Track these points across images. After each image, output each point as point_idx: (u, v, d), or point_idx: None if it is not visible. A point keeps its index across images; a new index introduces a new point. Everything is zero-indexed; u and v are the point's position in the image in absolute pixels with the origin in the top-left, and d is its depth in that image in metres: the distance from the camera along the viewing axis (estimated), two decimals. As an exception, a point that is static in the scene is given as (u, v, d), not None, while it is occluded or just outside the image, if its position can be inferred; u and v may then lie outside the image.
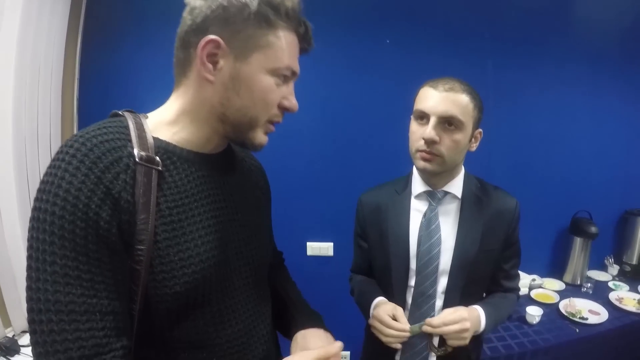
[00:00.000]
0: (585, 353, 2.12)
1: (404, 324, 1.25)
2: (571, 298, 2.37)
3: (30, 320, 0.66)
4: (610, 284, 2.64)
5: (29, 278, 0.67)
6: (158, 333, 0.80)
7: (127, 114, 0.82)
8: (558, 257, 2.80)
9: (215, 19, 0.77)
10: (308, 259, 2.64)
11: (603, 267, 2.84)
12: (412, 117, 1.32)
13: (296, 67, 0.86)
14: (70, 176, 0.67)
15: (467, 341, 1.23)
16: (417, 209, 1.39)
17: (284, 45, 0.81)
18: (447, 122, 1.22)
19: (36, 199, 0.69)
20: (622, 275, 2.79)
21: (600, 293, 2.51)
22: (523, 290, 2.57)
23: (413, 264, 1.36)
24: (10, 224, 1.89)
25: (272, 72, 0.82)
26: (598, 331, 2.14)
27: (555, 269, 2.80)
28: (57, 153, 0.71)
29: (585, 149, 2.68)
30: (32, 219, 0.68)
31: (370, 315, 1.36)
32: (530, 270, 2.70)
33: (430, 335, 1.28)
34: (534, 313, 2.20)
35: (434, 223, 1.34)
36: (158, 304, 0.77)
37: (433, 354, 1.34)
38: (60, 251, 0.66)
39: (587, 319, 2.21)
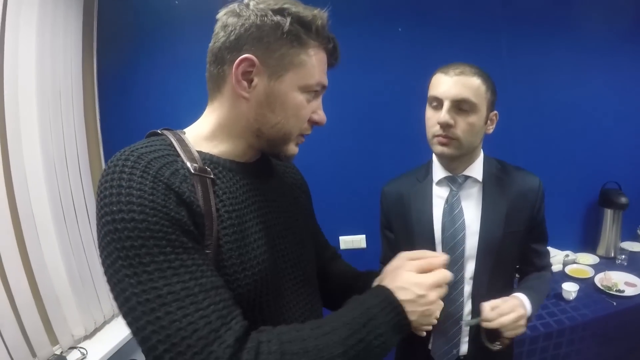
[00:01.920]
0: (624, 325, 2.10)
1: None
2: (606, 271, 2.35)
3: (142, 327, 0.65)
4: (645, 254, 2.60)
5: (127, 286, 0.66)
6: None
7: (166, 132, 0.85)
8: (590, 231, 2.76)
9: (249, 38, 0.80)
10: (342, 253, 2.64)
11: (637, 238, 2.79)
12: (427, 104, 1.33)
13: (326, 82, 0.90)
14: (138, 184, 0.69)
15: (524, 329, 1.23)
16: (439, 196, 1.40)
17: (314, 62, 0.85)
18: (461, 106, 1.23)
19: (105, 214, 0.69)
20: (657, 245, 2.74)
21: (635, 264, 2.49)
22: (557, 267, 2.56)
23: (439, 251, 1.36)
24: (49, 245, 1.95)
25: (303, 89, 0.85)
26: (636, 303, 2.12)
27: (588, 243, 2.77)
28: (112, 167, 0.72)
29: (608, 118, 2.63)
30: (109, 232, 0.68)
31: None
32: (562, 246, 2.68)
33: (482, 330, 1.26)
34: (570, 289, 2.18)
35: (457, 208, 1.35)
36: None
37: (464, 340, 1.36)
38: (156, 249, 0.67)
39: (623, 291, 2.19)
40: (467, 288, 1.35)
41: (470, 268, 1.34)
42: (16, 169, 1.82)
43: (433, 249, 1.37)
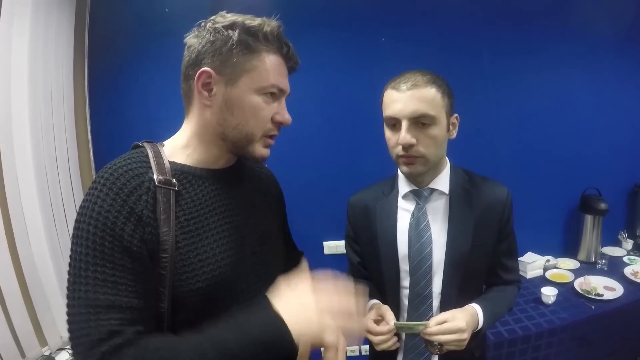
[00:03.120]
0: (602, 329, 2.16)
1: (389, 319, 1.25)
2: (586, 276, 2.40)
3: (67, 313, 0.80)
4: (625, 259, 2.66)
5: (68, 282, 0.82)
6: (187, 325, 0.90)
7: (146, 145, 0.96)
8: (571, 236, 2.82)
9: (206, 53, 0.91)
10: (325, 258, 2.72)
11: (617, 243, 2.86)
12: (384, 124, 1.28)
13: (282, 84, 0.97)
14: (101, 201, 0.82)
15: (464, 347, 1.21)
16: (405, 209, 1.36)
17: (267, 66, 0.93)
18: (420, 121, 1.18)
19: (76, 221, 0.83)
20: (637, 249, 2.80)
21: (615, 269, 2.54)
22: (538, 272, 2.62)
23: (405, 265, 1.33)
24: (39, 248, 1.98)
25: (259, 91, 0.93)
26: (614, 307, 2.18)
27: (569, 248, 2.82)
28: (92, 182, 0.86)
29: (589, 125, 2.69)
30: (73, 236, 0.83)
31: None
32: (543, 251, 2.73)
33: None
34: (548, 293, 2.24)
35: (423, 222, 1.31)
36: (185, 299, 0.89)
37: (435, 355, 1.32)
38: (92, 260, 0.80)
39: (602, 295, 2.25)
40: (436, 303, 1.32)
41: (437, 282, 1.31)
42: (7, 171, 1.86)
43: (396, 263, 1.35)
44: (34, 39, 1.98)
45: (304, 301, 0.85)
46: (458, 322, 1.19)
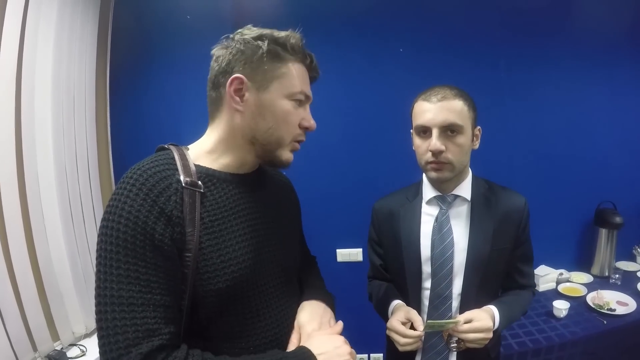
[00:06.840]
0: (614, 344, 2.13)
1: (418, 324, 1.31)
2: (599, 290, 2.37)
3: (97, 312, 0.81)
4: (639, 274, 2.62)
5: (97, 280, 0.83)
6: (205, 325, 0.94)
7: (172, 147, 0.99)
8: (584, 250, 2.79)
9: (236, 61, 0.95)
10: (338, 266, 2.75)
11: (632, 258, 2.82)
12: (413, 132, 1.39)
13: (308, 92, 1.03)
14: (132, 200, 0.84)
15: (484, 345, 1.29)
16: (429, 214, 1.44)
17: (295, 74, 0.98)
18: (449, 130, 1.28)
19: (104, 219, 0.85)
20: (651, 265, 2.75)
21: (628, 284, 2.51)
22: (550, 285, 2.59)
23: (428, 267, 1.40)
24: (56, 244, 2.02)
25: (289, 97, 0.98)
26: (626, 322, 2.15)
27: (583, 262, 2.79)
28: (120, 183, 0.88)
29: (605, 139, 2.67)
30: (101, 234, 0.84)
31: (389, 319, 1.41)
32: (557, 264, 2.71)
33: (445, 331, 1.33)
34: (561, 307, 2.22)
35: (446, 226, 1.39)
36: (204, 299, 0.91)
37: (453, 353, 1.38)
38: (124, 258, 0.81)
39: (615, 310, 2.22)
40: (455, 304, 1.38)
41: (458, 284, 1.37)
42: (29, 168, 1.90)
43: (419, 265, 1.42)
44: (58, 40, 2.03)
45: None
46: (486, 321, 1.27)
